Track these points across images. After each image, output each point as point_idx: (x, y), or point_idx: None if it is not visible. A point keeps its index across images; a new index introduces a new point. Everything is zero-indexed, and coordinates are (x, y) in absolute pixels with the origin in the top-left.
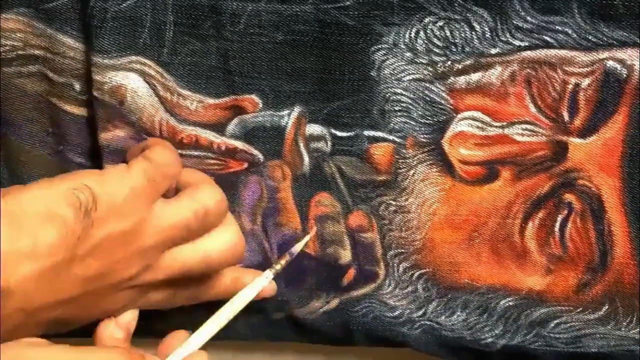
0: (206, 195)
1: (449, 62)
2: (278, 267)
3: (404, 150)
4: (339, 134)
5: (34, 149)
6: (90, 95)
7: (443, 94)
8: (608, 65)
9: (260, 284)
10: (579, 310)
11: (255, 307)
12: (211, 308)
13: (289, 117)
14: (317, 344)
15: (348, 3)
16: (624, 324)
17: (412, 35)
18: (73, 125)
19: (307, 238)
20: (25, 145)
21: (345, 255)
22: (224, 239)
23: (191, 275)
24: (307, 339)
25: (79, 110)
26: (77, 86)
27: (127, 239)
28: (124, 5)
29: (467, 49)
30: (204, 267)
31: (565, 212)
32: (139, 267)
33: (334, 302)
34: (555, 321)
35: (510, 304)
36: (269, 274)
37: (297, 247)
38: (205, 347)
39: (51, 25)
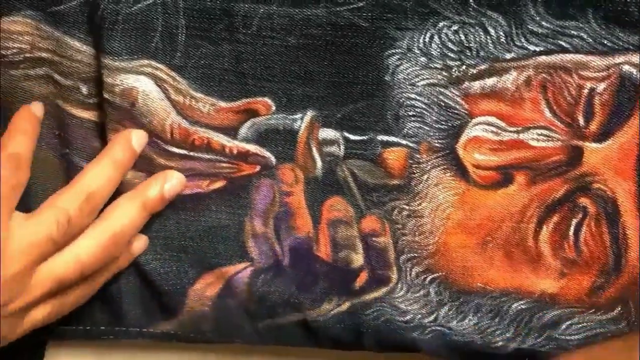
0: (67, 201)
1: (464, 67)
2: None
3: (417, 155)
4: (352, 137)
5: (41, 151)
6: (98, 98)
7: (457, 99)
8: (624, 70)
9: None
10: (591, 311)
11: (265, 309)
12: None
13: (302, 121)
14: (327, 348)
15: (361, 4)
16: (636, 324)
17: (427, 39)
18: (78, 129)
19: None
20: None
21: (358, 259)
22: (93, 242)
23: (69, 283)
24: (316, 343)
25: (85, 114)
26: (84, 89)
27: None
28: (135, 8)
29: (481, 53)
30: (79, 274)
31: (580, 216)
32: (9, 295)
33: (345, 305)
34: (567, 322)
35: (523, 307)
36: None
37: None
38: (210, 350)
39: (58, 28)
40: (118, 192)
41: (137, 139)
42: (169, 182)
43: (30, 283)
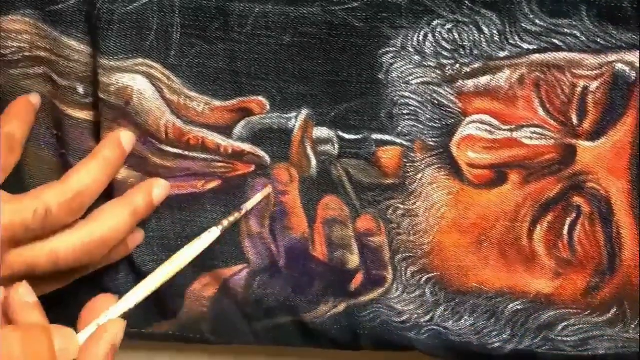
0: (51, 195)
1: (458, 65)
2: (226, 223)
3: (412, 154)
4: (347, 136)
5: (40, 150)
6: (94, 98)
7: (451, 97)
8: (617, 68)
9: (205, 240)
10: (587, 313)
11: (262, 311)
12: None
13: (296, 120)
14: (324, 348)
15: (356, 4)
16: (632, 326)
17: (421, 38)
18: (74, 130)
19: (264, 192)
20: (30, 147)
21: (353, 260)
22: (74, 239)
23: (40, 274)
24: (313, 343)
25: (82, 114)
26: (81, 89)
27: None
28: (131, 7)
29: (475, 52)
30: (52, 266)
31: (574, 215)
32: None
33: (342, 307)
34: (563, 324)
35: (518, 307)
36: (215, 230)
37: (250, 204)
38: (210, 351)
39: (56, 28)
40: (112, 191)
41: (125, 139)
42: (157, 188)
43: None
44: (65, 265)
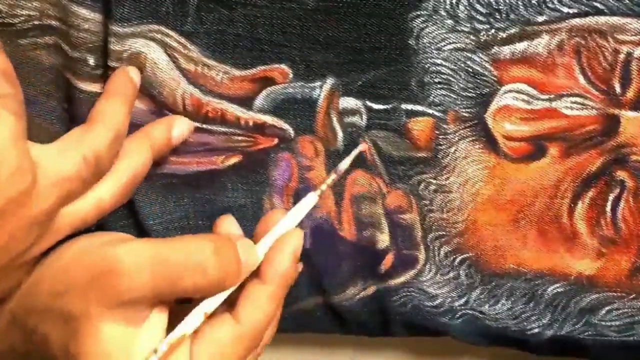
0: (95, 138)
1: (493, 31)
2: (324, 187)
3: (444, 125)
4: (375, 106)
5: (51, 125)
6: (105, 69)
7: (486, 65)
8: None
9: (306, 206)
10: (632, 296)
11: (287, 295)
12: None
13: (321, 89)
14: (352, 334)
15: None
16: None
17: (454, 1)
18: (86, 103)
19: (355, 152)
20: (41, 122)
21: (383, 239)
22: (113, 182)
23: (86, 227)
24: (340, 329)
25: (93, 87)
26: (92, 61)
27: (22, 201)
28: None
29: (512, 16)
30: (99, 217)
31: (618, 190)
32: (33, 238)
33: (371, 289)
34: (607, 308)
35: (559, 290)
36: (314, 196)
37: (345, 163)
38: None
39: None
40: None
41: (133, 72)
42: (177, 128)
43: (53, 227)
44: (107, 212)
